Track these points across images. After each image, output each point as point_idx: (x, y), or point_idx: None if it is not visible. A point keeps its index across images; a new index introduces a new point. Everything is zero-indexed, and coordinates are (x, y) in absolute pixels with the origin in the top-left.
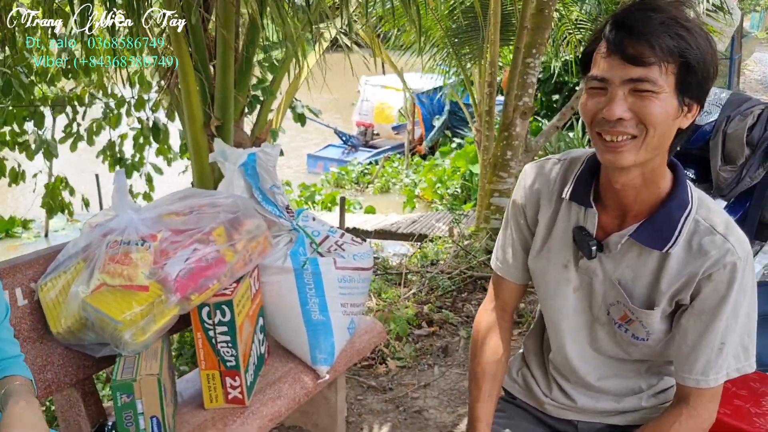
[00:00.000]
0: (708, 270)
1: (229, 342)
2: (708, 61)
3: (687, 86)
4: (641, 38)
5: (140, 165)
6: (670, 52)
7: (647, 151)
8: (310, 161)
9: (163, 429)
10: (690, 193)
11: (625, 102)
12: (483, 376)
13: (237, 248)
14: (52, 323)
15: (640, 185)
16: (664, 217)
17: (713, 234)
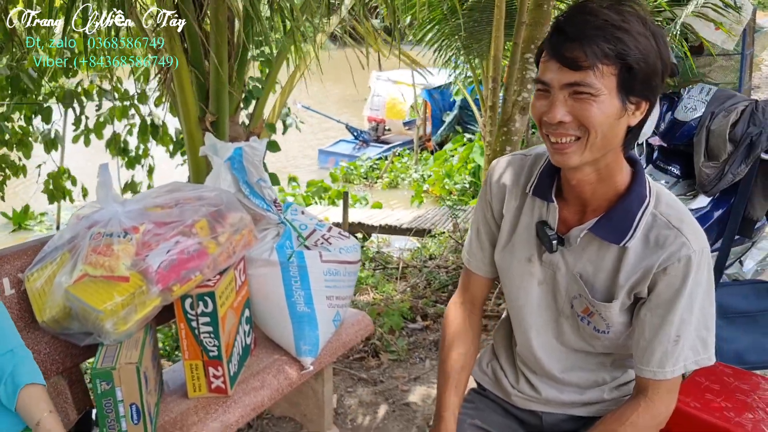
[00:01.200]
0: (663, 263)
1: (212, 332)
2: (650, 60)
3: (629, 86)
4: (576, 43)
5: (144, 157)
6: (606, 55)
7: (592, 152)
8: (322, 157)
9: (142, 416)
10: (648, 188)
11: (565, 105)
12: (451, 367)
13: (220, 241)
14: (38, 312)
15: (596, 181)
16: (622, 212)
17: (669, 228)
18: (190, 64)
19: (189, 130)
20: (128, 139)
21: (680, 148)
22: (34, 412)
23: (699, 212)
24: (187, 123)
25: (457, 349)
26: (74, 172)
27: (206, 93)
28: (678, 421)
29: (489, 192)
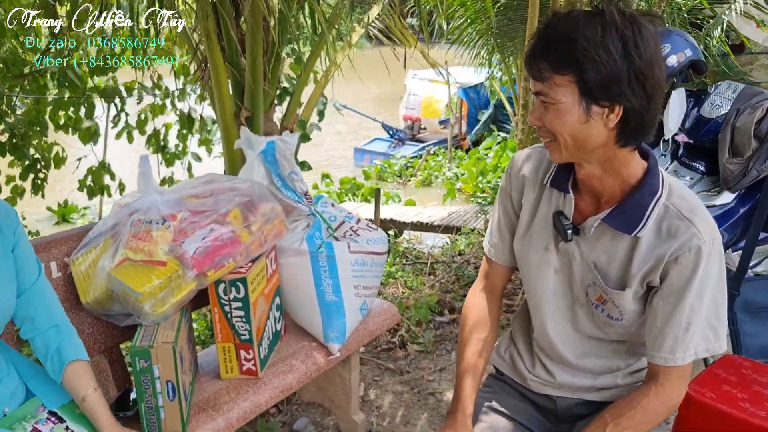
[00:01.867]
0: (675, 253)
1: (244, 317)
2: (607, 67)
3: (590, 93)
4: (536, 57)
5: (183, 154)
6: (557, 68)
7: (570, 151)
8: (357, 155)
9: (177, 393)
10: (661, 181)
11: (537, 111)
12: (470, 352)
13: (252, 230)
14: (82, 294)
15: (601, 175)
16: (634, 203)
17: (681, 219)
18: (226, 62)
19: (225, 125)
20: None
21: (706, 145)
22: (79, 388)
23: (724, 208)
24: (224, 118)
25: (477, 334)
26: (113, 167)
27: (242, 90)
28: (694, 411)
29: (509, 183)
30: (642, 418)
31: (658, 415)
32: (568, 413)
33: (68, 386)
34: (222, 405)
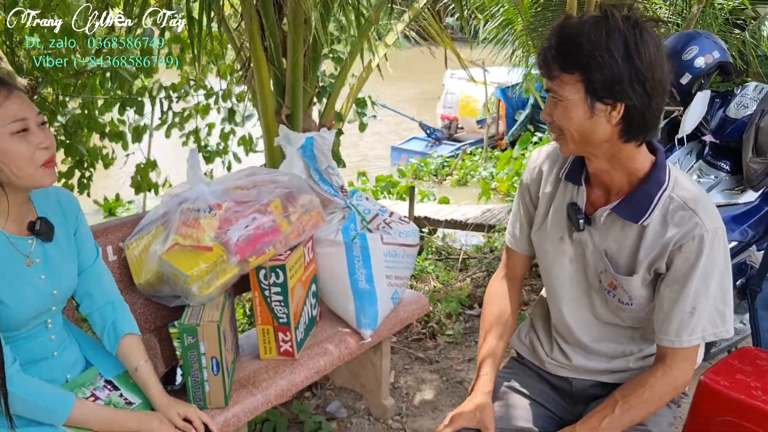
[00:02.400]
0: (679, 241)
1: (282, 301)
2: (609, 69)
3: (595, 92)
4: (549, 57)
5: (224, 153)
6: (564, 67)
7: (576, 145)
8: (394, 153)
9: (221, 369)
10: (667, 174)
11: (548, 108)
12: (491, 334)
13: (291, 219)
14: (135, 276)
15: (609, 169)
16: (641, 194)
17: (685, 209)
18: (269, 62)
19: (266, 122)
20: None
21: (731, 145)
22: (132, 359)
23: (748, 206)
24: (265, 116)
25: (497, 319)
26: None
27: (283, 88)
28: (707, 398)
29: (528, 177)
30: (650, 396)
31: (665, 394)
32: (583, 394)
33: (122, 358)
34: (261, 382)
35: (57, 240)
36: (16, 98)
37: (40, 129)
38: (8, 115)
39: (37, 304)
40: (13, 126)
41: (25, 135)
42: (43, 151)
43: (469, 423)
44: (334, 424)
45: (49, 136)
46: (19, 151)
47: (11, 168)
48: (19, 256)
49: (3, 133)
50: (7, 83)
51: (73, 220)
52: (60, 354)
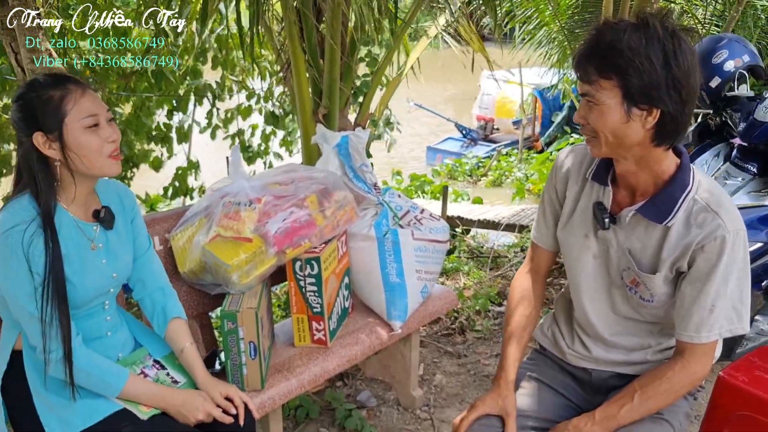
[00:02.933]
0: (701, 242)
1: (316, 292)
2: (648, 75)
3: (632, 97)
4: (587, 61)
5: (265, 153)
6: (604, 72)
7: (609, 148)
8: (429, 154)
9: (258, 353)
10: (692, 177)
11: (582, 110)
12: (515, 326)
13: (326, 214)
14: (180, 265)
15: (637, 169)
16: (666, 196)
17: (708, 211)
18: (307, 63)
19: (304, 121)
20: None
21: (759, 148)
22: (178, 341)
23: None
24: (303, 115)
25: (521, 311)
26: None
27: (320, 89)
28: (726, 393)
29: (555, 177)
30: (667, 387)
31: (682, 386)
32: (602, 385)
33: (169, 340)
34: (295, 368)
35: (117, 228)
36: (89, 96)
37: (109, 124)
38: (82, 111)
39: (98, 285)
40: (86, 121)
41: (96, 129)
42: (110, 144)
43: (491, 410)
44: (364, 412)
45: (116, 130)
46: (90, 144)
47: (82, 158)
48: (85, 240)
49: (78, 127)
50: (82, 82)
51: (130, 211)
52: (113, 334)
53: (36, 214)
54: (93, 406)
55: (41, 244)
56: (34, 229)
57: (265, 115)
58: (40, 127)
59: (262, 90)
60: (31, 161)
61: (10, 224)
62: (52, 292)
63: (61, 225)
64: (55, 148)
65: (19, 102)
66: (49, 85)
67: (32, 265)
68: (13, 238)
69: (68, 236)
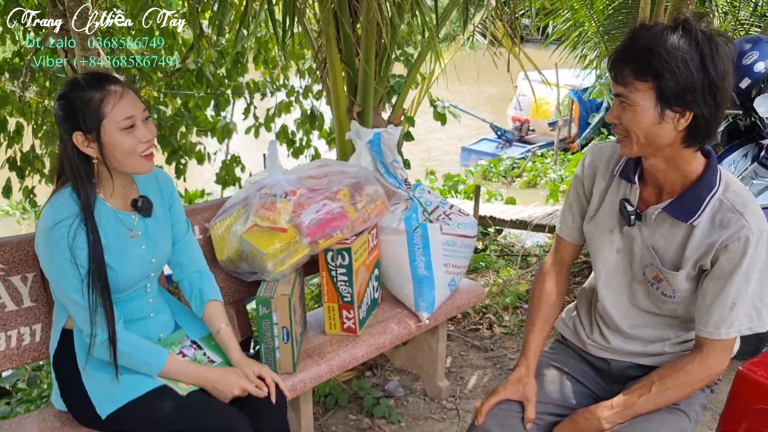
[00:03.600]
0: (725, 241)
1: (347, 281)
2: (683, 78)
3: (666, 100)
4: (623, 63)
5: (306, 147)
6: (640, 75)
7: (640, 148)
8: (464, 154)
9: (291, 338)
10: (719, 178)
11: (616, 110)
12: (538, 315)
13: (357, 207)
14: (218, 253)
15: (665, 169)
16: (692, 196)
17: (733, 212)
18: (343, 63)
19: (339, 118)
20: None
21: None
22: (215, 322)
23: None
24: (338, 113)
25: (544, 301)
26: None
27: (355, 88)
28: (745, 387)
29: (582, 173)
30: (685, 380)
31: (700, 380)
32: (621, 374)
33: (207, 321)
34: (325, 354)
35: (155, 215)
36: (127, 97)
37: (144, 124)
38: (121, 113)
39: (139, 271)
40: (124, 123)
41: (132, 130)
42: (144, 144)
43: (512, 395)
44: (391, 401)
45: (151, 129)
46: (124, 144)
47: (117, 157)
48: (125, 229)
49: (115, 128)
50: (121, 84)
51: (169, 197)
52: (155, 316)
53: (77, 208)
54: (135, 382)
55: (84, 238)
56: (77, 224)
57: (302, 113)
58: (80, 126)
59: (301, 87)
60: (71, 158)
61: (54, 220)
62: (94, 281)
63: (101, 216)
64: (93, 147)
65: (61, 101)
66: (90, 87)
67: (77, 258)
68: (58, 234)
69: (108, 227)
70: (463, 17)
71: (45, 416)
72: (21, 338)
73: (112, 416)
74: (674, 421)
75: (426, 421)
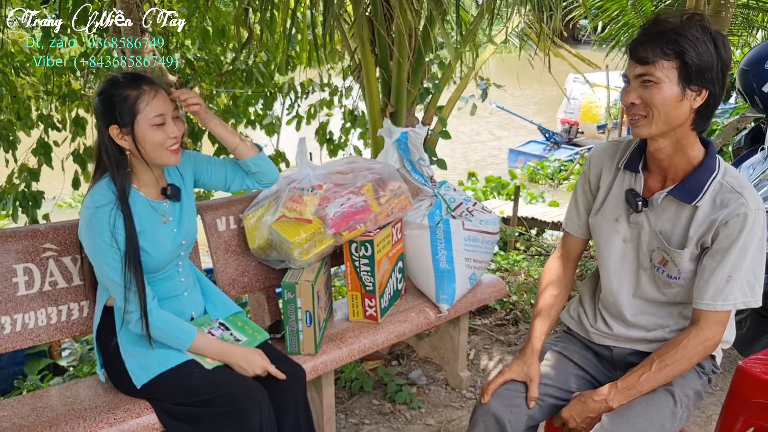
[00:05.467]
0: (725, 218)
1: (369, 272)
2: (704, 57)
3: (688, 77)
4: (645, 45)
5: (344, 146)
6: (665, 53)
7: (658, 126)
8: (511, 156)
9: (313, 322)
10: (718, 163)
11: (636, 91)
12: (544, 304)
13: (381, 202)
14: (250, 242)
15: (672, 153)
16: (694, 180)
17: (732, 192)
18: (377, 65)
19: (372, 118)
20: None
21: None
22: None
23: None
24: (372, 112)
25: (551, 291)
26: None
27: (389, 88)
28: (744, 381)
29: (589, 170)
30: (682, 354)
31: (696, 353)
32: (622, 361)
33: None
34: (347, 339)
35: (182, 198)
36: (160, 96)
37: (174, 121)
38: (153, 111)
39: (171, 252)
40: (155, 120)
41: (162, 126)
42: (172, 139)
43: (516, 376)
44: (414, 389)
45: (179, 126)
46: (155, 139)
47: (147, 149)
48: (158, 216)
49: (147, 124)
50: (155, 83)
51: (188, 175)
52: (189, 294)
53: (114, 196)
54: (167, 356)
55: (122, 223)
56: (115, 210)
57: (344, 112)
58: (116, 121)
59: (343, 87)
60: (107, 149)
61: (96, 205)
62: (129, 262)
63: (135, 204)
64: (127, 140)
65: (101, 96)
66: (127, 85)
67: (117, 241)
68: (101, 218)
69: (143, 214)
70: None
71: (90, 383)
72: (70, 313)
73: (146, 386)
74: (661, 401)
75: (446, 408)
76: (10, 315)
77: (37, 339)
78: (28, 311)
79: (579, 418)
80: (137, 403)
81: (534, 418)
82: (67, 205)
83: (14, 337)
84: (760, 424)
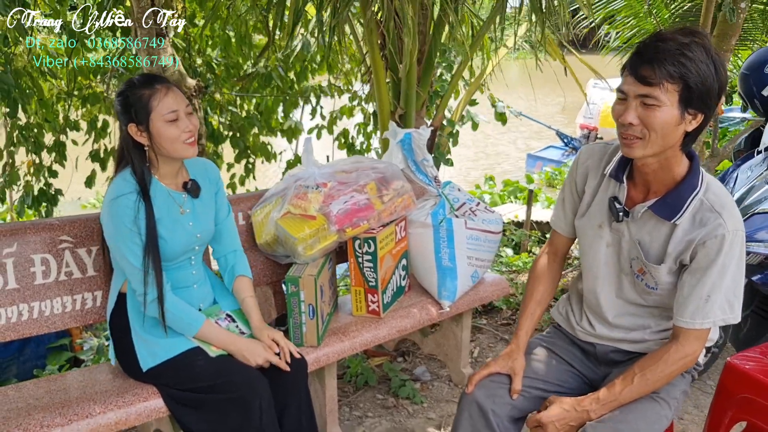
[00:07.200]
0: (703, 238)
1: (372, 268)
2: (708, 82)
3: (689, 101)
4: (649, 64)
5: (367, 150)
6: (671, 76)
7: (652, 148)
8: (530, 161)
9: (316, 315)
10: (701, 179)
11: (635, 111)
12: (531, 299)
13: (384, 200)
14: (257, 237)
15: (657, 169)
16: (676, 196)
17: (711, 212)
18: (387, 69)
19: (383, 121)
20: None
21: None
22: (241, 293)
23: None
24: (382, 115)
25: (538, 287)
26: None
27: (398, 91)
28: (732, 377)
29: (576, 172)
30: (663, 369)
31: (676, 368)
32: (605, 357)
33: (235, 292)
34: (350, 333)
35: (202, 197)
36: (172, 93)
37: (187, 117)
38: (166, 107)
39: (185, 243)
40: (169, 116)
41: (176, 122)
42: (186, 133)
43: (501, 368)
44: (417, 385)
45: (193, 121)
46: (169, 134)
47: (163, 144)
48: (176, 206)
49: (161, 120)
50: (168, 81)
51: (215, 184)
52: (198, 287)
53: (137, 185)
54: (174, 343)
55: (143, 210)
56: (139, 198)
57: (366, 115)
58: (133, 119)
59: (363, 92)
60: (128, 145)
61: (118, 193)
62: (149, 247)
63: (155, 194)
64: (144, 136)
65: (119, 97)
66: (141, 85)
67: (138, 226)
68: (124, 204)
69: (162, 203)
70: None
71: (101, 369)
72: (84, 302)
73: (152, 371)
74: (655, 409)
75: (447, 403)
76: (28, 302)
77: (52, 326)
78: (45, 299)
79: (559, 424)
80: (145, 387)
81: (518, 409)
82: (91, 206)
83: (31, 324)
84: (747, 418)
